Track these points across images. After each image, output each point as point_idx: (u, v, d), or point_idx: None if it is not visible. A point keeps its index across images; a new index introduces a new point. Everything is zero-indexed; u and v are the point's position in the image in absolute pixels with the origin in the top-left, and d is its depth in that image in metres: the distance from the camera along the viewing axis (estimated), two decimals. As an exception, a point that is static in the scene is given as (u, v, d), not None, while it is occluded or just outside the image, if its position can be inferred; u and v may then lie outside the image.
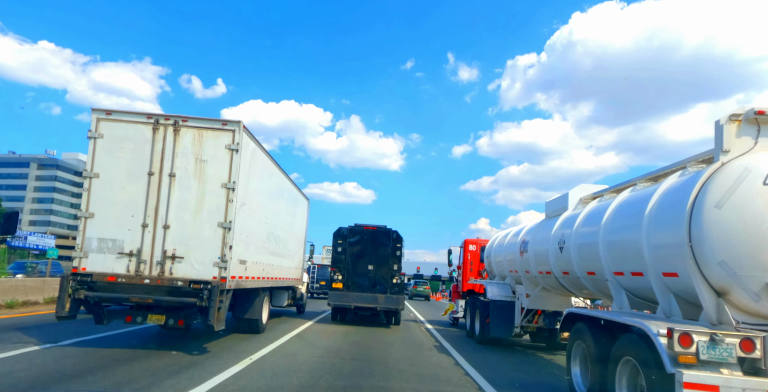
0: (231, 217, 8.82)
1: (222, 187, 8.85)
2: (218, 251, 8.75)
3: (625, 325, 5.64)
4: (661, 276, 5.95)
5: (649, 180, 7.23)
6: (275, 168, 12.08)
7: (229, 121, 8.96)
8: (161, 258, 8.67)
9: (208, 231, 8.78)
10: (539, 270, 10.43)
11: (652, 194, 6.22)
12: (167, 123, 8.89)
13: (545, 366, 10.43)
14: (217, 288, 8.45)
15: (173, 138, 8.87)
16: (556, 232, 9.30)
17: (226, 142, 8.92)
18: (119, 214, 8.65)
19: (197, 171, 8.85)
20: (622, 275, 6.90)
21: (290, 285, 15.57)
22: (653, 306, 6.55)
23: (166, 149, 8.84)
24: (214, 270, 8.72)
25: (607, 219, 7.28)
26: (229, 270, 8.80)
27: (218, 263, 8.72)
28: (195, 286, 8.52)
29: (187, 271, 8.69)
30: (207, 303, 8.41)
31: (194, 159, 8.86)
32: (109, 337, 10.01)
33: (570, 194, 9.65)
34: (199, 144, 8.88)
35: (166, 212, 8.74)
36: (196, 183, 8.83)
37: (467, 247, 18.70)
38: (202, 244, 8.74)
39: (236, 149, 8.90)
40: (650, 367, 4.95)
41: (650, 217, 6.07)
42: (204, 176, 8.85)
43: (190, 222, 8.76)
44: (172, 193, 8.79)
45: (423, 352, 11.01)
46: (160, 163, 8.80)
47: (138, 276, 8.54)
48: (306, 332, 13.09)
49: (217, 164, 8.88)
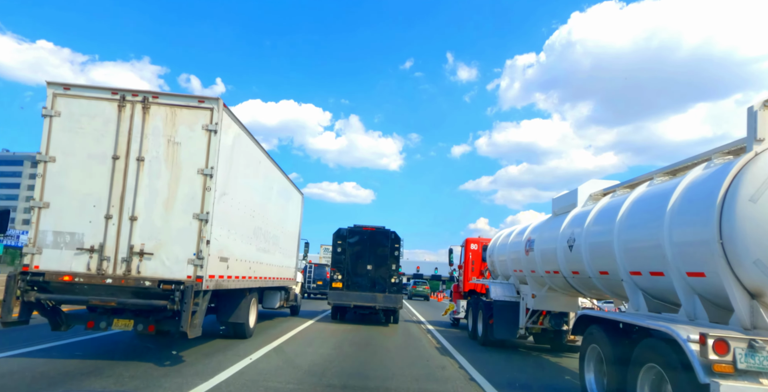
0: (208, 208, 7.61)
1: (198, 173, 7.63)
2: (193, 246, 7.54)
3: (648, 329, 5.24)
4: (685, 276, 5.51)
5: (666, 174, 6.78)
6: (264, 157, 10.87)
7: (207, 98, 7.74)
8: (127, 255, 7.44)
9: (181, 223, 7.56)
10: (546, 270, 9.90)
11: (674, 188, 5.77)
12: (135, 100, 7.66)
13: (554, 370, 9.78)
14: (191, 289, 7.23)
15: (142, 117, 7.64)
16: (565, 230, 8.78)
17: (203, 122, 7.70)
18: (79, 204, 7.42)
19: (169, 154, 7.63)
20: (640, 275, 6.44)
21: (282, 285, 14.35)
22: (673, 307, 6.19)
23: (134, 129, 7.61)
24: (188, 269, 7.50)
25: (623, 215, 6.79)
26: (206, 269, 7.59)
27: (193, 260, 7.51)
28: (165, 287, 7.30)
29: (157, 269, 7.47)
30: (179, 307, 7.20)
31: (166, 141, 7.64)
32: (64, 346, 8.62)
33: (579, 190, 9.10)
34: (172, 124, 7.66)
35: (133, 202, 7.52)
36: (169, 168, 7.61)
37: (468, 246, 17.96)
38: (174, 239, 7.52)
39: (214, 130, 7.68)
40: (679, 376, 4.53)
41: (673, 213, 5.62)
42: (177, 160, 7.63)
43: (161, 214, 7.54)
44: (141, 179, 7.56)
45: (425, 355, 10.43)
46: (126, 146, 7.58)
47: (99, 276, 7.31)
48: (297, 338, 11.78)
49: (193, 147, 7.66)
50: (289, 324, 14.35)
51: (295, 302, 16.91)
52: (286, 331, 12.55)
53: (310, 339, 11.56)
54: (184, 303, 7.19)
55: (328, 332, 13.22)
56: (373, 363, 9.09)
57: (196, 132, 7.68)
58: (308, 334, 12.57)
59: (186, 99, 7.72)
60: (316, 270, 29.88)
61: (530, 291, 11.06)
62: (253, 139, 9.83)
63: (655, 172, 6.98)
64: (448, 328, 16.88)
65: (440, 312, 22.55)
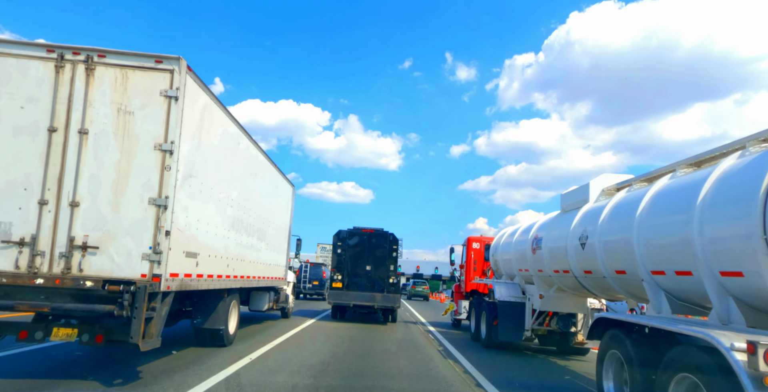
0: (168, 191, 6.08)
1: (155, 150, 6.10)
2: (149, 238, 6.01)
3: (681, 335, 4.70)
4: (718, 276, 4.95)
5: (690, 166, 6.21)
6: (245, 138, 9.34)
7: (166, 57, 6.20)
8: (66, 249, 5.90)
9: (134, 210, 6.02)
10: (555, 269, 9.30)
11: (704, 179, 5.21)
12: (76, 59, 6.11)
13: (563, 374, 9.01)
14: (144, 291, 5.70)
15: (85, 80, 6.09)
16: (577, 227, 8.20)
17: (161, 87, 6.17)
18: (5, 187, 5.86)
19: (120, 126, 6.09)
20: (663, 275, 5.87)
21: (271, 285, 12.80)
22: (700, 310, 5.79)
23: (75, 96, 6.06)
24: (142, 266, 5.97)
25: (644, 210, 6.23)
26: (166, 266, 6.06)
27: (149, 255, 5.98)
28: (112, 288, 5.75)
29: (104, 267, 5.92)
30: (129, 312, 5.67)
31: (116, 110, 6.10)
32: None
33: (591, 185, 8.47)
34: (123, 89, 6.12)
35: (74, 184, 5.98)
36: (119, 143, 6.07)
37: (470, 245, 17.13)
38: (126, 229, 5.99)
39: (175, 96, 6.16)
40: (720, 389, 4.01)
41: (704, 207, 5.07)
42: (130, 134, 6.09)
43: (108, 198, 6.00)
44: (84, 157, 6.02)
45: (426, 358, 9.72)
46: (66, 116, 6.03)
47: (29, 275, 5.76)
48: (284, 346, 10.08)
49: (149, 117, 6.13)
50: (278, 328, 12.72)
51: (286, 303, 15.29)
52: (274, 337, 10.92)
53: (300, 347, 9.97)
54: (136, 308, 5.66)
55: (321, 337, 11.64)
56: (373, 372, 7.96)
57: (153, 98, 6.14)
58: (298, 340, 10.97)
59: (140, 58, 6.18)
60: (312, 269, 28.21)
61: (537, 291, 10.38)
62: (229, 116, 8.30)
63: (676, 164, 6.37)
64: (449, 329, 16.10)
65: (440, 313, 21.69)
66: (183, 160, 6.38)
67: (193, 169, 6.81)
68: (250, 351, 8.83)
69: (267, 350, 9.17)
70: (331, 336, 12.14)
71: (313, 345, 10.56)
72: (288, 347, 9.92)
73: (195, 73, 6.57)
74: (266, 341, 10.24)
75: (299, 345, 10.32)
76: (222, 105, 7.87)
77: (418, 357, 9.68)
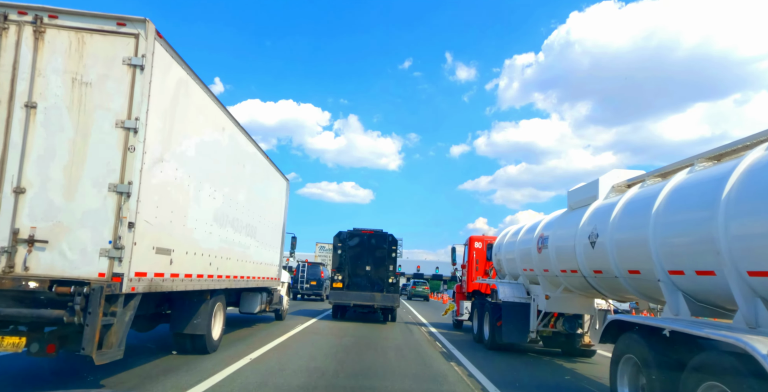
0: (132, 177, 5.12)
1: (117, 127, 5.14)
2: (109, 231, 5.04)
3: (707, 340, 4.46)
4: (745, 276, 4.61)
5: (709, 160, 5.88)
6: (231, 123, 8.36)
7: (129, 19, 5.22)
8: (9, 244, 4.92)
9: (91, 198, 5.06)
10: (562, 269, 8.92)
11: (729, 173, 4.89)
12: (23, 20, 5.13)
13: (573, 377, 8.61)
14: (99, 293, 4.73)
15: (33, 45, 5.12)
16: (586, 225, 7.83)
17: (124, 55, 5.20)
18: (-65, 169, 4.91)
19: (75, 100, 5.12)
20: (682, 275, 5.54)
21: (263, 285, 11.83)
22: (722, 312, 5.51)
23: (21, 63, 5.09)
24: (100, 263, 5.01)
25: (660, 207, 5.88)
26: (129, 263, 5.10)
27: (108, 251, 5.01)
28: (61, 290, 4.79)
29: (55, 265, 4.96)
30: (81, 318, 4.70)
31: (70, 80, 5.13)
32: None
33: (600, 181, 8.11)
34: (79, 56, 5.15)
35: (19, 167, 5.00)
36: (73, 119, 5.10)
37: (473, 244, 16.59)
38: (81, 220, 5.03)
39: (140, 65, 5.19)
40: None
41: (730, 202, 4.73)
42: (86, 109, 5.12)
43: (60, 184, 5.03)
44: (31, 135, 5.05)
45: (429, 360, 9.21)
46: (9, 87, 5.05)
47: (-37, 274, 4.79)
48: (273, 353, 8.95)
49: (110, 90, 5.16)
50: (269, 333, 11.64)
51: (280, 305, 14.28)
52: (263, 343, 9.79)
53: (291, 356, 8.79)
54: (89, 313, 4.68)
55: (318, 343, 10.52)
56: (373, 376, 7.50)
57: (115, 68, 5.18)
58: (291, 347, 9.82)
59: (99, 20, 5.19)
60: (309, 269, 27.08)
61: (542, 291, 10.01)
62: (212, 97, 7.33)
63: (694, 158, 6.04)
64: (450, 330, 15.58)
65: (441, 313, 21.02)
66: (152, 141, 5.41)
67: (166, 153, 5.83)
68: (234, 359, 7.80)
69: (254, 358, 8.15)
70: (328, 340, 11.09)
71: (308, 349, 9.57)
72: (278, 354, 8.88)
73: (167, 40, 5.60)
74: (256, 347, 9.20)
75: (291, 352, 9.23)
76: (203, 83, 6.90)
77: (419, 360, 9.12)
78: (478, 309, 12.87)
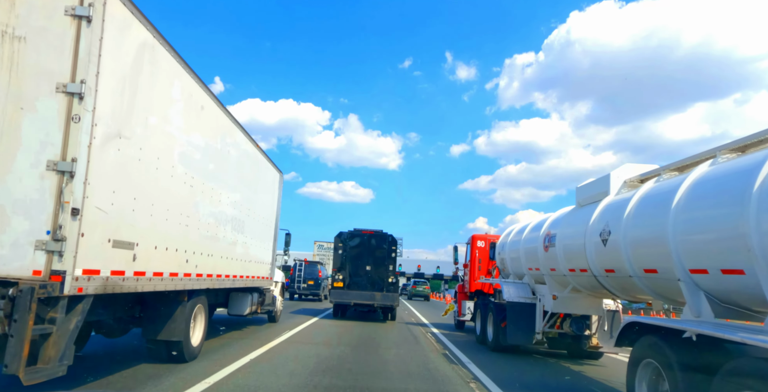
0: (78, 153, 4.20)
1: (57, 92, 4.22)
2: (47, 219, 4.09)
3: (740, 345, 4.05)
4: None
5: (733, 151, 5.53)
6: (212, 102, 7.44)
7: (74, -36, 4.29)
8: (-72, 233, 3.98)
9: (26, 178, 4.16)
10: (570, 268, 8.57)
11: (761, 164, 4.48)
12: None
13: (582, 381, 8.21)
14: (30, 295, 3.79)
15: (-42, -5, 4.19)
16: (596, 222, 7.52)
17: (66, 3, 4.27)
18: None
19: (5, 57, 4.22)
20: (706, 274, 5.19)
21: (254, 285, 10.87)
22: (747, 314, 5.12)
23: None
24: (36, 258, 4.08)
25: (680, 202, 5.55)
26: (74, 258, 4.21)
27: (45, 243, 4.09)
28: (-18, 291, 3.84)
29: (-19, 259, 4.01)
30: (6, 328, 3.73)
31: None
32: None
33: (612, 176, 7.78)
34: (10, 4, 4.25)
35: (-59, 142, 4.07)
36: (3, 81, 4.23)
37: (475, 243, 16.26)
38: (12, 206, 4.13)
39: (87, 16, 4.28)
40: None
41: (763, 194, 4.31)
42: (19, 68, 4.23)
43: (-11, 163, 4.09)
44: (-44, 103, 4.11)
45: (431, 363, 8.81)
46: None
47: None
48: (263, 361, 7.97)
49: (48, 46, 4.26)
50: (259, 337, 10.69)
51: (273, 306, 13.33)
52: (252, 349, 8.73)
53: (280, 363, 7.85)
54: (14, 321, 3.72)
55: (311, 351, 9.28)
56: (374, 378, 7.13)
57: (55, 19, 4.27)
58: (282, 354, 8.75)
59: (37, -35, 4.25)
60: (307, 268, 26.13)
61: (549, 291, 9.66)
62: (188, 70, 6.42)
63: (716, 149, 5.69)
64: (452, 331, 15.18)
65: (441, 313, 20.65)
66: (105, 111, 4.49)
67: (125, 128, 4.91)
68: (217, 369, 6.85)
69: (242, 365, 7.21)
70: (326, 345, 10.17)
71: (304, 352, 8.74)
72: (272, 359, 8.01)
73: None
74: (242, 354, 8.18)
75: (283, 359, 8.28)
76: (176, 51, 6.01)
77: (422, 362, 8.71)
78: (482, 310, 12.50)
